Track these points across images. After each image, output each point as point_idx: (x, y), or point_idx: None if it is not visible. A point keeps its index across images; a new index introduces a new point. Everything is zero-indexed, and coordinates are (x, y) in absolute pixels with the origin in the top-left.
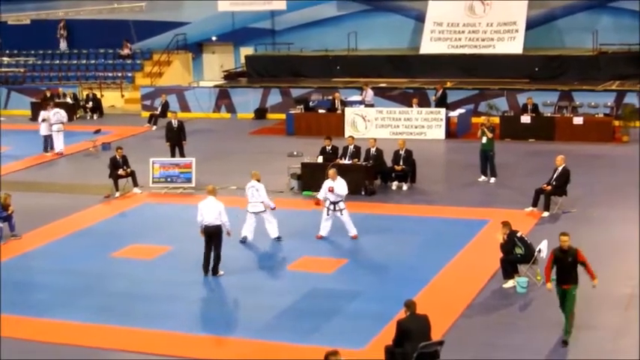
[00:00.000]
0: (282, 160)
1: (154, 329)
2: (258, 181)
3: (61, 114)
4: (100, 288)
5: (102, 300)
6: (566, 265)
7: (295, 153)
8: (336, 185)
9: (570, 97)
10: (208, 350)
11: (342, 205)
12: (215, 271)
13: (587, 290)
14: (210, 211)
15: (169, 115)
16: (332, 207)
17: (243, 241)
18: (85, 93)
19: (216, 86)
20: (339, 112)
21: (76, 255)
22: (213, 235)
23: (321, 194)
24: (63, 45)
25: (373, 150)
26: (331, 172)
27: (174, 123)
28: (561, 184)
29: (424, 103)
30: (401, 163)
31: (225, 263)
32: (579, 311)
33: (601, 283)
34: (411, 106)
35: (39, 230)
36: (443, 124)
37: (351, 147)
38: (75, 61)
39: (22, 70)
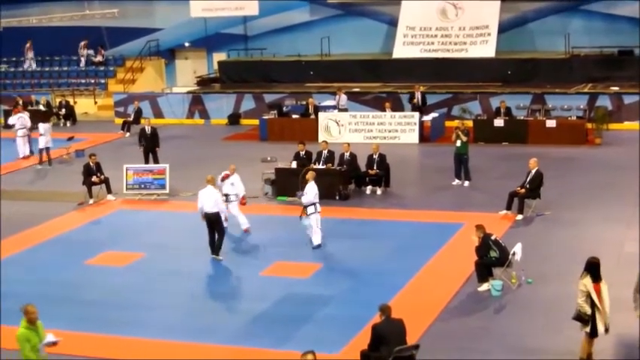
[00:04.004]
0: (256, 165)
1: (129, 336)
2: None
3: (25, 118)
4: (74, 296)
5: (77, 308)
6: None
7: (269, 158)
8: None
9: (543, 100)
10: (183, 357)
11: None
12: (217, 252)
13: (562, 291)
14: (209, 199)
15: (142, 121)
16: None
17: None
18: (57, 100)
19: (189, 92)
20: (312, 117)
21: (50, 263)
22: (213, 221)
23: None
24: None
25: (347, 154)
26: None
27: (147, 129)
28: (535, 187)
29: (397, 107)
30: (375, 167)
31: (198, 270)
32: (555, 312)
33: (576, 285)
34: (384, 110)
35: (12, 238)
36: (416, 128)
37: (325, 152)
38: (47, 68)
39: None
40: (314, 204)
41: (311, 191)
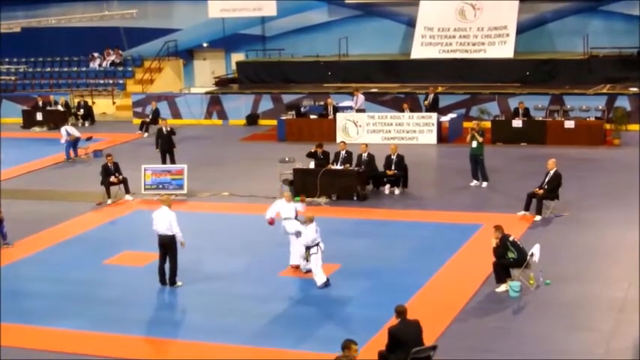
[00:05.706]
0: (273, 166)
1: (147, 336)
2: None
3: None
4: (93, 295)
5: (95, 307)
6: None
7: (287, 159)
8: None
9: (561, 101)
10: (202, 357)
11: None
12: (173, 282)
13: (580, 293)
14: (162, 220)
15: (160, 122)
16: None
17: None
18: (76, 100)
19: (207, 93)
20: (330, 117)
21: (69, 262)
22: (167, 246)
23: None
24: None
25: (365, 155)
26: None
27: (165, 130)
28: (553, 187)
29: (415, 107)
30: (393, 167)
31: (217, 271)
32: (573, 313)
33: (594, 286)
34: (403, 111)
35: (31, 238)
36: (434, 128)
37: (343, 152)
38: (66, 69)
39: (13, 77)
40: (317, 244)
41: (310, 233)
